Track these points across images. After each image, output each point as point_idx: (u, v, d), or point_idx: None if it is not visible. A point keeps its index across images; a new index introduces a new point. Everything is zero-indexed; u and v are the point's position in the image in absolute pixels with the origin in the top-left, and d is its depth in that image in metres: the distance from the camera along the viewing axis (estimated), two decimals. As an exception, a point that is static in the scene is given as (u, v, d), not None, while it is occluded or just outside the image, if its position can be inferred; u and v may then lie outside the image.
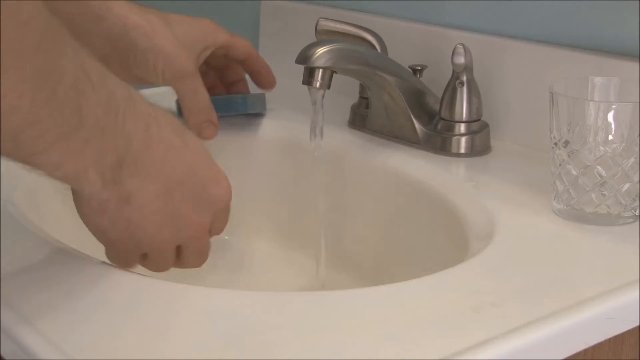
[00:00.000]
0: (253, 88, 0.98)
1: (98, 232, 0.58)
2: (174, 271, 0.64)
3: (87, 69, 0.49)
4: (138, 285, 0.60)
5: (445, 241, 0.79)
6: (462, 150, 0.88)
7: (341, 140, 0.93)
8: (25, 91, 0.44)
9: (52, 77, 0.46)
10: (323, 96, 0.82)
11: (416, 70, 0.92)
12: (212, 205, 0.60)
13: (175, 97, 0.88)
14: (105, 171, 0.52)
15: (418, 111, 0.90)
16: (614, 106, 0.70)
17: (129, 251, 0.60)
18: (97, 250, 0.71)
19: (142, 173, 0.54)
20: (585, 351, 0.59)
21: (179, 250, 0.62)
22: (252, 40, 1.24)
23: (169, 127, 0.56)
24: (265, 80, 0.95)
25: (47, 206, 0.83)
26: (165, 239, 0.59)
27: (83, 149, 0.49)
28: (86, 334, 0.54)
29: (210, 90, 0.88)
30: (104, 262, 0.63)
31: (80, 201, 0.56)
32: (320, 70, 0.80)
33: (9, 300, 0.57)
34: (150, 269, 0.62)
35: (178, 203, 0.58)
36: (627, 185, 0.70)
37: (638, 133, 0.69)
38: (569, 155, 0.71)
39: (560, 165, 0.72)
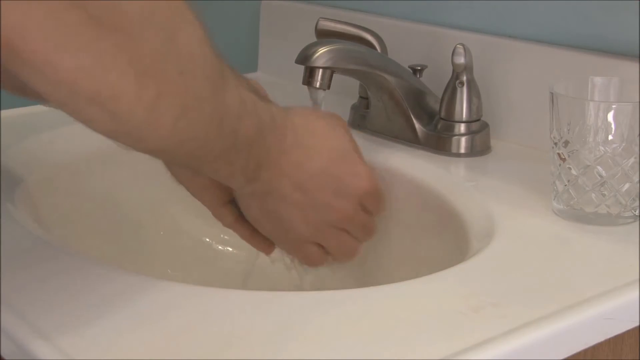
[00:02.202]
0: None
1: (256, 223, 0.71)
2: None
3: (244, 98, 0.61)
4: (138, 285, 0.60)
5: (445, 241, 0.79)
6: (462, 150, 0.88)
7: (341, 140, 0.93)
8: (201, 127, 0.57)
9: (220, 111, 0.58)
10: (323, 96, 0.82)
11: (416, 70, 0.92)
12: (350, 191, 0.71)
13: None
14: (249, 173, 0.65)
15: (418, 111, 0.90)
16: (614, 106, 0.70)
17: (297, 244, 0.73)
18: (97, 250, 0.71)
19: (278, 172, 0.67)
20: (585, 351, 0.59)
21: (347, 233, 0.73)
22: (252, 40, 1.25)
23: (307, 132, 0.68)
24: None
25: (47, 206, 0.83)
26: (318, 224, 0.71)
27: (235, 160, 0.63)
28: (86, 334, 0.54)
29: None
30: (103, 262, 0.63)
31: (238, 200, 0.70)
32: (320, 70, 0.80)
33: (9, 300, 0.57)
34: (337, 257, 0.75)
35: (316, 193, 0.69)
36: (627, 185, 0.70)
37: (638, 133, 0.69)
38: (569, 155, 0.71)
39: (560, 165, 0.72)
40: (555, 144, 0.72)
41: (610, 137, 0.69)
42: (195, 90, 0.54)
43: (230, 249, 0.97)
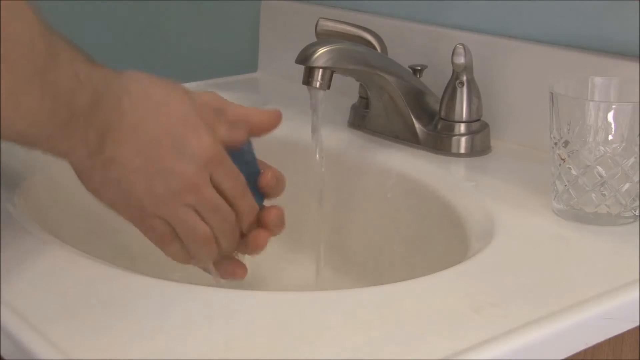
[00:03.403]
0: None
1: (97, 195, 0.66)
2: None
3: (77, 72, 0.59)
4: (138, 285, 0.60)
5: (445, 241, 0.79)
6: (462, 150, 0.88)
7: (341, 140, 0.93)
8: (30, 109, 0.56)
9: (50, 91, 0.57)
10: (323, 96, 0.81)
11: (416, 70, 0.92)
12: (193, 155, 0.64)
13: None
14: (90, 145, 0.62)
15: (418, 111, 0.90)
16: (614, 106, 0.70)
17: (139, 215, 0.65)
18: (97, 250, 0.71)
19: (120, 139, 0.63)
20: (585, 351, 0.59)
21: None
22: (252, 40, 1.25)
23: (145, 96, 0.64)
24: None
25: (47, 206, 0.83)
26: (161, 194, 0.64)
27: (71, 134, 0.60)
28: (86, 334, 0.54)
29: None
30: (104, 262, 0.63)
31: (78, 174, 0.65)
32: (320, 70, 0.80)
33: (9, 300, 0.57)
34: (187, 242, 0.67)
35: (158, 158, 0.64)
36: (627, 185, 0.70)
37: (638, 133, 0.69)
38: (569, 155, 0.71)
39: (560, 165, 0.72)
40: (555, 144, 0.72)
41: (610, 137, 0.69)
42: (20, 74, 0.55)
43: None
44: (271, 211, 0.73)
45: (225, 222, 0.67)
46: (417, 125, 0.90)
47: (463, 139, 0.88)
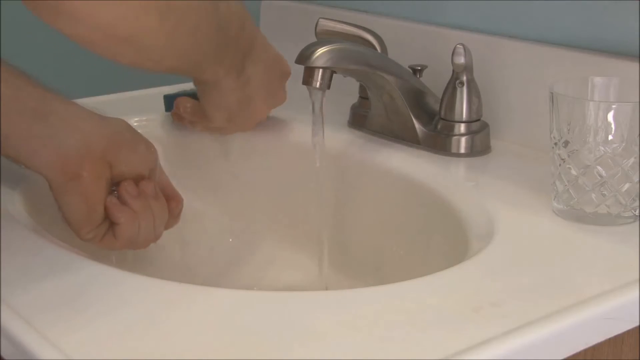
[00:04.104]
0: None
1: (220, 111, 0.85)
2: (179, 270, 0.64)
3: (229, 3, 0.76)
4: (138, 285, 0.60)
5: (445, 241, 0.79)
6: (462, 150, 0.88)
7: (341, 140, 0.93)
8: (204, 39, 0.74)
9: (215, 22, 0.74)
10: (323, 96, 0.81)
11: (416, 70, 0.92)
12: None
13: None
14: (238, 66, 0.79)
15: (418, 111, 0.90)
16: (614, 106, 0.70)
17: (254, 120, 0.89)
18: (97, 250, 0.71)
19: (255, 59, 0.80)
20: (585, 351, 0.59)
21: None
22: (252, 40, 1.24)
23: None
24: None
25: (47, 206, 0.83)
26: (268, 110, 0.91)
27: (224, 57, 0.77)
28: (86, 334, 0.54)
29: None
30: (104, 262, 0.63)
31: (218, 94, 0.82)
32: (320, 70, 0.80)
33: (9, 300, 0.57)
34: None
35: (275, 77, 0.88)
36: (627, 185, 0.70)
37: (638, 133, 0.69)
38: (569, 155, 0.71)
39: (560, 165, 0.72)
40: (555, 144, 0.72)
41: (610, 137, 0.69)
42: (198, 12, 0.68)
43: (232, 249, 0.97)
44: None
45: None
46: (417, 125, 0.90)
47: (463, 139, 0.88)
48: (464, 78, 0.87)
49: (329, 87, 0.81)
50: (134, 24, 0.62)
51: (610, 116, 0.69)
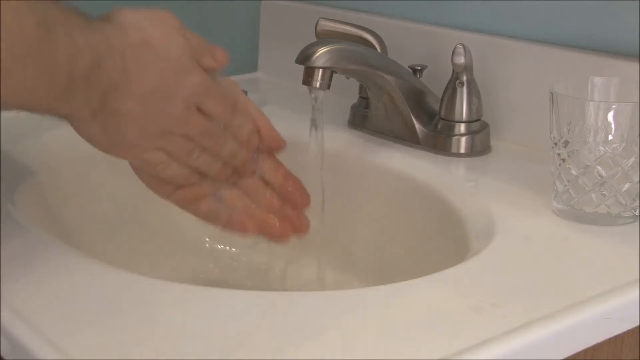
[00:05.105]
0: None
1: (93, 141, 0.68)
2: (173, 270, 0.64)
3: (74, 38, 0.60)
4: (138, 285, 0.60)
5: (445, 241, 0.79)
6: (462, 150, 0.88)
7: (341, 140, 0.93)
8: (29, 81, 0.57)
9: (48, 63, 0.58)
10: (323, 96, 0.81)
11: (416, 70, 0.92)
12: (183, 95, 0.68)
13: None
14: (93, 105, 0.63)
15: (418, 111, 0.90)
16: (614, 106, 0.70)
17: (135, 152, 0.69)
18: (97, 250, 0.71)
19: (123, 94, 0.65)
20: (585, 351, 0.59)
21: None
22: (252, 40, 1.25)
23: (147, 45, 0.66)
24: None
25: (47, 206, 0.83)
26: (154, 133, 0.68)
27: (73, 98, 0.62)
28: (86, 334, 0.54)
29: None
30: (104, 262, 0.63)
31: (75, 127, 0.67)
32: (320, 70, 0.80)
33: (9, 300, 0.57)
34: (190, 164, 0.71)
35: (154, 104, 0.67)
36: (627, 185, 0.70)
37: (638, 133, 0.69)
38: (569, 155, 0.71)
39: (560, 165, 0.72)
40: (555, 144, 0.72)
41: (610, 137, 0.69)
42: (12, 56, 0.56)
43: (232, 249, 0.97)
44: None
45: (221, 141, 0.71)
46: (417, 125, 0.90)
47: (463, 139, 0.88)
48: (464, 78, 0.87)
49: (329, 87, 0.81)
50: None
51: (610, 116, 0.69)
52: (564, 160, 0.71)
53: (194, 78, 0.68)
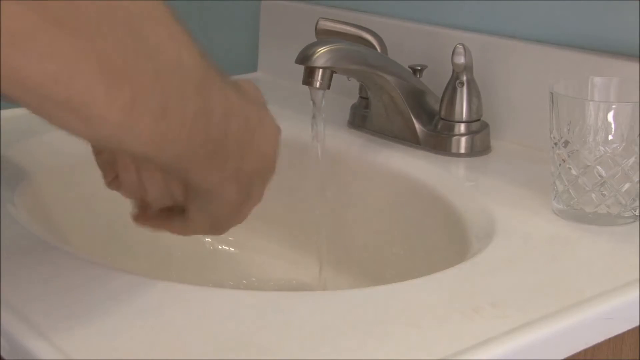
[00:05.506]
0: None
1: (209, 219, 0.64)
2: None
3: (230, 98, 0.56)
4: (138, 286, 0.60)
5: (445, 241, 0.79)
6: (462, 150, 0.88)
7: (341, 140, 0.93)
8: (184, 129, 0.51)
9: (205, 111, 0.53)
10: (323, 96, 0.82)
11: (416, 70, 0.92)
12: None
13: None
14: (225, 172, 0.58)
15: (418, 111, 0.90)
16: (614, 106, 0.70)
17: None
18: (97, 250, 0.71)
19: (249, 164, 0.60)
20: (585, 351, 0.59)
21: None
22: (252, 40, 1.25)
23: (261, 123, 0.61)
24: None
25: (47, 206, 0.83)
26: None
27: (225, 164, 0.57)
28: (86, 334, 0.54)
29: None
30: (103, 262, 0.63)
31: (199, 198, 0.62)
32: (320, 70, 0.80)
33: (9, 300, 0.57)
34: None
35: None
36: (627, 185, 0.70)
37: (638, 133, 0.69)
38: (569, 155, 0.71)
39: (560, 165, 0.72)
40: (555, 144, 0.72)
41: (610, 137, 0.69)
42: (175, 90, 0.50)
43: (232, 249, 0.97)
44: None
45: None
46: (417, 125, 0.90)
47: (463, 139, 0.88)
48: (464, 78, 0.87)
49: (329, 87, 0.81)
50: (68, 85, 0.45)
51: (610, 116, 0.69)
52: (564, 160, 0.71)
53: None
